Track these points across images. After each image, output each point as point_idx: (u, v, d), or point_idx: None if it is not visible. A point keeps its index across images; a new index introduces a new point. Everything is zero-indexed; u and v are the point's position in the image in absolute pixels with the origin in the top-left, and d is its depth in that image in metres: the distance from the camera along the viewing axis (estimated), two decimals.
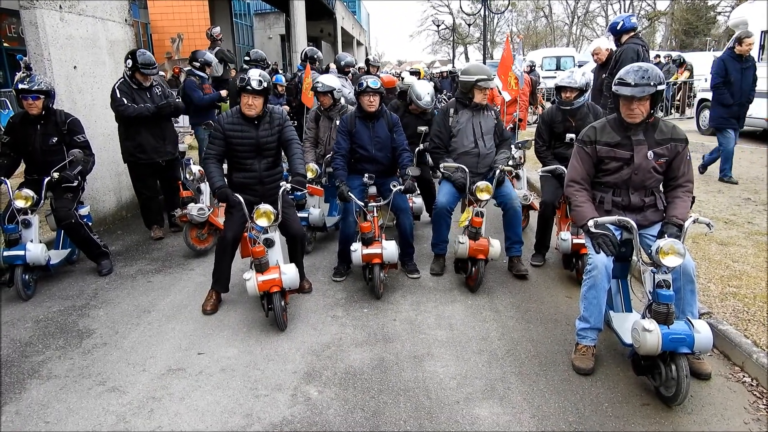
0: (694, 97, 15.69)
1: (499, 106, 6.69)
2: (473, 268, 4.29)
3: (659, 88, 2.99)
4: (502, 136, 4.71)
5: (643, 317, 2.87)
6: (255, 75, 3.86)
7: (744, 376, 3.11)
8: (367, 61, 10.15)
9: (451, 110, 4.64)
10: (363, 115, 4.59)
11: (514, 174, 5.81)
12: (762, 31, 10.16)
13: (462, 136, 4.57)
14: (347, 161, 4.64)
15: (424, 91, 5.42)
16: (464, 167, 4.39)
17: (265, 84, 3.86)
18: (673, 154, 3.15)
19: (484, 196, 4.27)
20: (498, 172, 4.43)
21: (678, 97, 16.04)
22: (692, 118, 12.97)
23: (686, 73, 15.55)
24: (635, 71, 3.03)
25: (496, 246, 4.26)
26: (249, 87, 3.83)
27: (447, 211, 4.55)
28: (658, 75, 3.01)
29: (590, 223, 3.00)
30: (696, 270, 3.05)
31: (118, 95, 5.40)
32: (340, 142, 4.61)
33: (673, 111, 15.62)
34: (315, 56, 8.29)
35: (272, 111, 4.10)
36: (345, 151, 4.60)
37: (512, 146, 5.33)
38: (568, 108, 4.52)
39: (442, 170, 4.55)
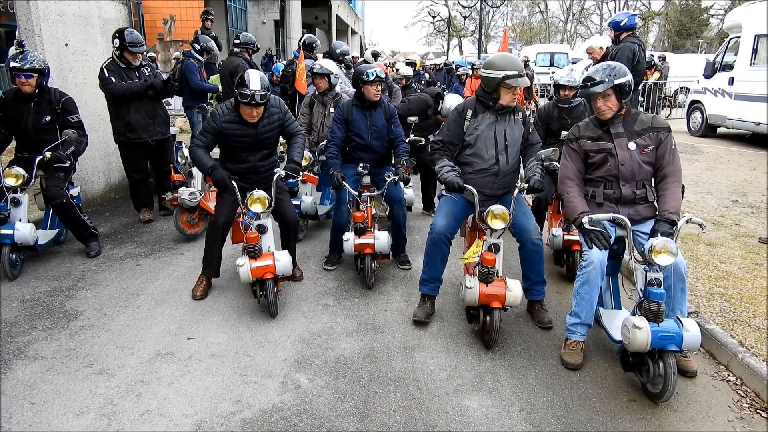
0: (665, 98, 15.70)
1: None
2: (486, 318, 3.38)
3: (616, 81, 3.10)
4: (528, 141, 3.78)
5: (634, 314, 2.90)
6: (257, 85, 3.61)
7: (729, 375, 3.16)
8: (374, 54, 10.17)
9: (469, 111, 3.65)
10: (361, 103, 4.57)
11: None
12: (756, 35, 10.23)
13: (481, 147, 3.61)
14: (341, 150, 4.61)
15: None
16: (472, 189, 3.43)
17: (268, 94, 3.71)
18: (656, 142, 3.20)
19: (498, 224, 3.34)
20: (516, 192, 3.49)
21: (668, 97, 15.97)
22: (683, 119, 13.06)
23: (656, 74, 14.80)
24: (603, 69, 3.17)
25: (515, 290, 3.33)
26: (254, 102, 3.64)
27: (445, 239, 3.62)
28: (624, 71, 3.13)
29: (585, 219, 3.02)
30: (686, 269, 3.08)
31: (106, 74, 5.31)
32: (335, 131, 4.56)
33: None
34: (314, 44, 8.22)
35: (269, 104, 3.94)
36: (339, 140, 4.55)
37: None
38: (567, 106, 4.52)
39: (437, 173, 3.63)
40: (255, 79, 3.64)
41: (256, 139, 3.96)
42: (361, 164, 4.48)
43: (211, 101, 8.02)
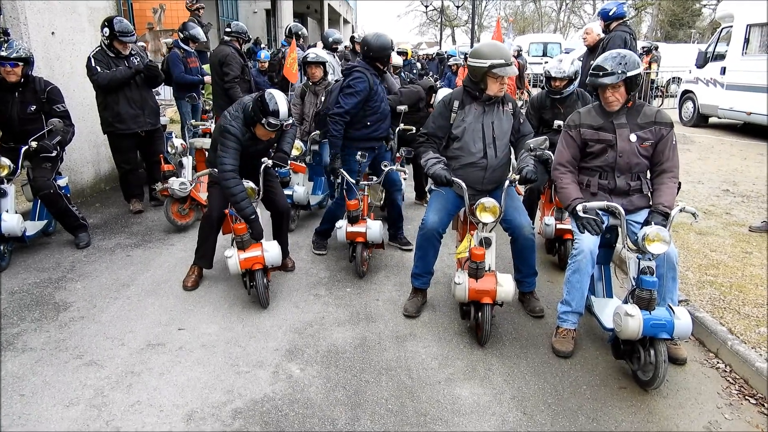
0: (657, 88, 15.70)
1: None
2: (478, 315, 3.30)
3: (629, 73, 3.04)
4: (519, 133, 3.67)
5: (626, 302, 2.91)
6: (285, 113, 3.58)
7: (718, 362, 3.18)
8: (351, 39, 10.01)
9: (456, 103, 3.54)
10: (379, 72, 4.47)
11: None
12: (747, 25, 10.24)
13: (468, 141, 3.51)
14: (360, 128, 4.44)
15: None
16: (461, 182, 3.39)
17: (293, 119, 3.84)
18: (657, 137, 3.17)
19: (487, 217, 3.29)
20: (507, 183, 3.39)
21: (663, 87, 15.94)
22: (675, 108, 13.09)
23: (652, 65, 14.34)
24: (613, 58, 3.10)
25: (506, 285, 3.25)
26: (280, 129, 3.69)
27: (437, 234, 3.54)
28: (636, 62, 3.08)
29: (579, 207, 3.02)
30: (678, 258, 3.09)
31: (93, 64, 5.24)
32: (353, 104, 4.24)
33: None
34: (300, 32, 8.15)
35: None
36: (354, 113, 4.27)
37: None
38: (557, 96, 4.50)
39: (423, 166, 3.58)
40: (283, 106, 3.58)
41: (265, 148, 4.00)
42: (359, 153, 4.40)
43: (203, 91, 7.91)
